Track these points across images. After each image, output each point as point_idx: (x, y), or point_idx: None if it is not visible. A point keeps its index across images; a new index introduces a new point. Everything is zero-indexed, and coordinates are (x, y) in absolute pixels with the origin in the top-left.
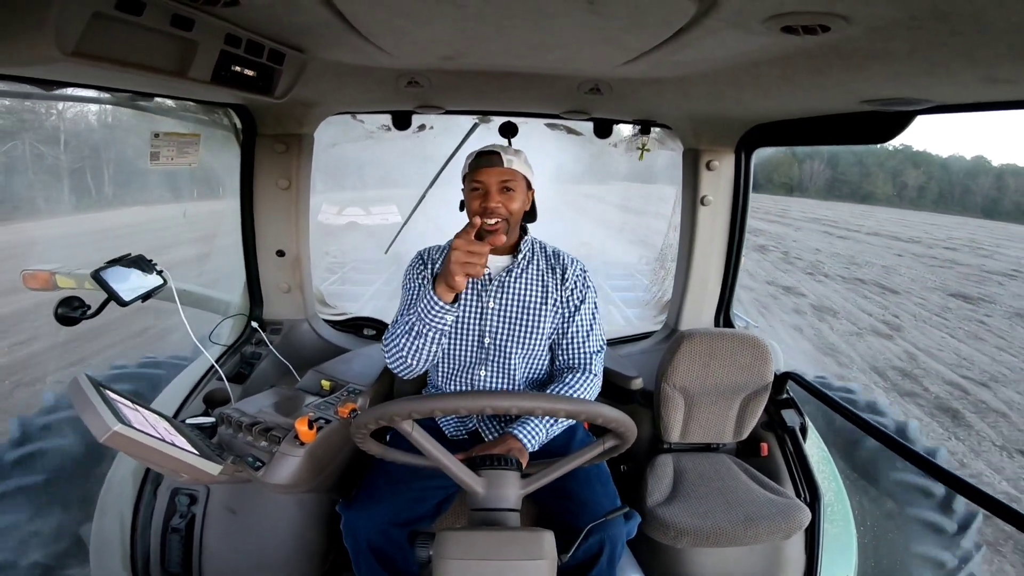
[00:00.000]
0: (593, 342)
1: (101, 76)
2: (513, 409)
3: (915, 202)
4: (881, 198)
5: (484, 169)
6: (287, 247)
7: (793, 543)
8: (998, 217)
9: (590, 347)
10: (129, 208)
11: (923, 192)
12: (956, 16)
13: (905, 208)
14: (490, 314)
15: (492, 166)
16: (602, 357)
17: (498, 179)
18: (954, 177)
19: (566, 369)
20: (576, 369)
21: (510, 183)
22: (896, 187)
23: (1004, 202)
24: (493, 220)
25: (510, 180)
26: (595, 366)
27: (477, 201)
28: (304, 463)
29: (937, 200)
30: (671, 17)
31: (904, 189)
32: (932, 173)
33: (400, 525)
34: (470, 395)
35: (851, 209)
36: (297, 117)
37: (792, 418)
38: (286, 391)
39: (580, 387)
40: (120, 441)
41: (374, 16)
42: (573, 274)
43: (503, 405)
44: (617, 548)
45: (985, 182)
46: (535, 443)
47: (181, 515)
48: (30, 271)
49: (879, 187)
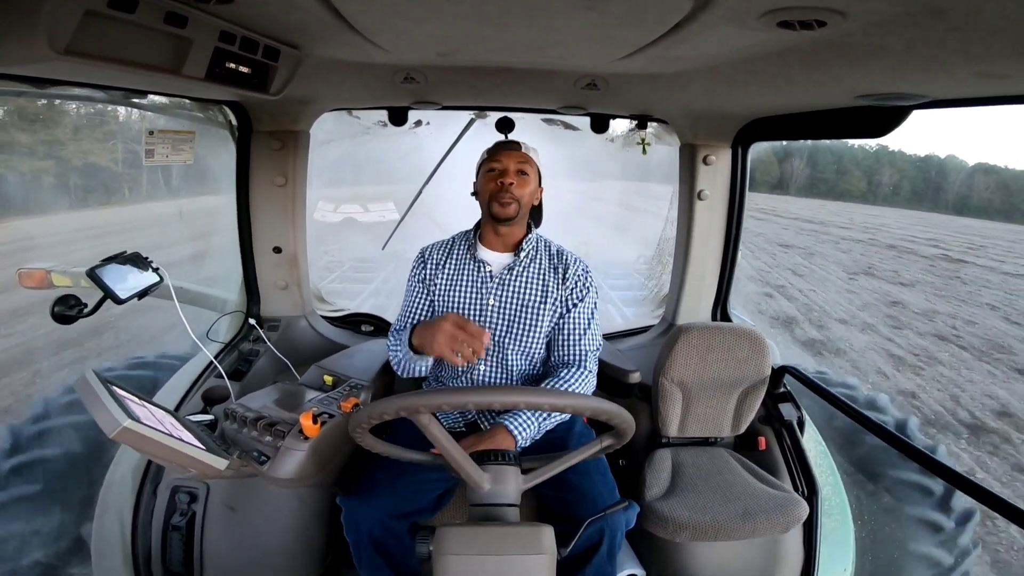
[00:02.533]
0: (589, 340)
1: (95, 74)
2: (520, 404)
3: (889, 199)
4: (856, 195)
5: (503, 152)
6: (284, 244)
7: (791, 537)
8: (967, 213)
9: (586, 344)
10: (197, 197)
11: (896, 190)
12: (952, 12)
13: (880, 205)
14: (490, 311)
15: (511, 150)
16: (597, 356)
17: (516, 160)
18: (927, 175)
19: (560, 365)
20: (571, 365)
21: (526, 167)
22: (872, 185)
23: (973, 199)
24: (507, 198)
25: (526, 164)
26: (590, 363)
27: (492, 182)
28: (309, 457)
29: (911, 197)
30: (667, 12)
31: (878, 187)
32: (905, 172)
33: (400, 517)
34: (472, 391)
35: (805, 203)
36: (293, 114)
37: (789, 412)
38: (289, 387)
39: (574, 382)
40: (129, 437)
41: (370, 13)
42: (574, 273)
43: (503, 400)
44: (616, 539)
45: (956, 179)
46: (526, 436)
47: (181, 513)
48: (26, 269)
49: (854, 185)
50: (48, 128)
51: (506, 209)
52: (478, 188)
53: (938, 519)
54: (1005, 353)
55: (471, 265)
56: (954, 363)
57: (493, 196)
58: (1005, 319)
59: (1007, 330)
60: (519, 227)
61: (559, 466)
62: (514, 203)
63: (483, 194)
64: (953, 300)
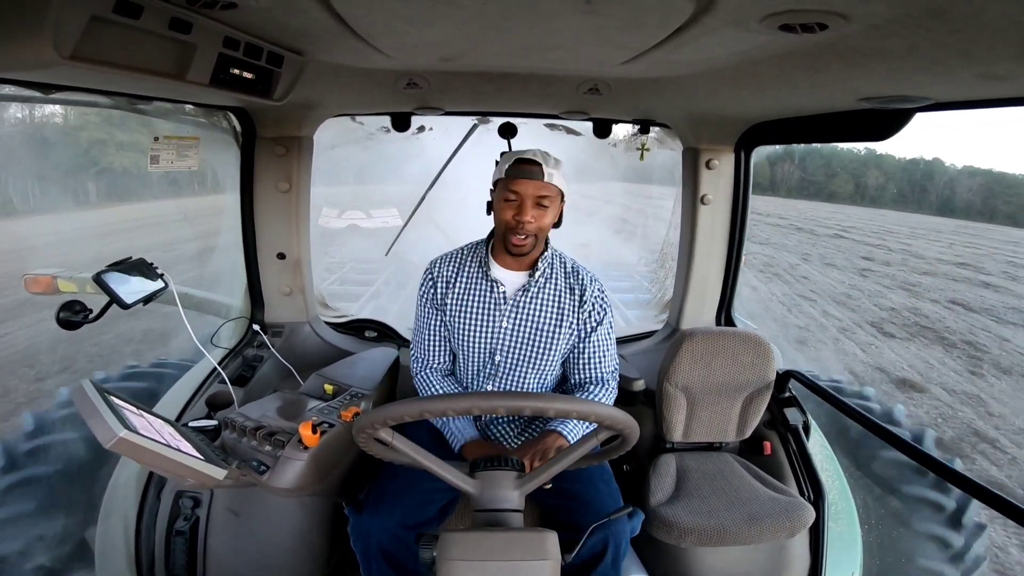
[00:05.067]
0: (609, 361)
1: (99, 79)
2: (526, 410)
3: (876, 200)
4: (844, 197)
5: (523, 181)
6: (288, 250)
7: (797, 542)
8: (949, 214)
9: (606, 366)
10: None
11: (882, 191)
12: (954, 14)
13: (866, 206)
14: (502, 334)
15: (532, 178)
16: (617, 375)
17: (535, 192)
18: (912, 177)
19: (586, 382)
20: (596, 382)
21: (546, 199)
22: (859, 187)
23: (955, 200)
24: (523, 235)
25: (547, 196)
26: (611, 382)
27: (510, 212)
28: (308, 467)
29: (897, 199)
30: (669, 16)
31: (865, 189)
32: (891, 175)
33: (410, 527)
34: (472, 396)
35: (783, 203)
36: (296, 119)
37: (795, 416)
38: (290, 395)
39: (603, 398)
40: (126, 447)
41: (373, 18)
42: (591, 296)
43: (508, 405)
44: (621, 546)
45: (940, 182)
46: (577, 435)
47: (185, 518)
48: (32, 275)
49: (842, 187)
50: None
51: (521, 247)
52: (493, 207)
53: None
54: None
55: (484, 284)
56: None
57: (508, 229)
58: (803, 259)
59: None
60: (536, 249)
61: (557, 467)
62: (528, 242)
63: (498, 222)
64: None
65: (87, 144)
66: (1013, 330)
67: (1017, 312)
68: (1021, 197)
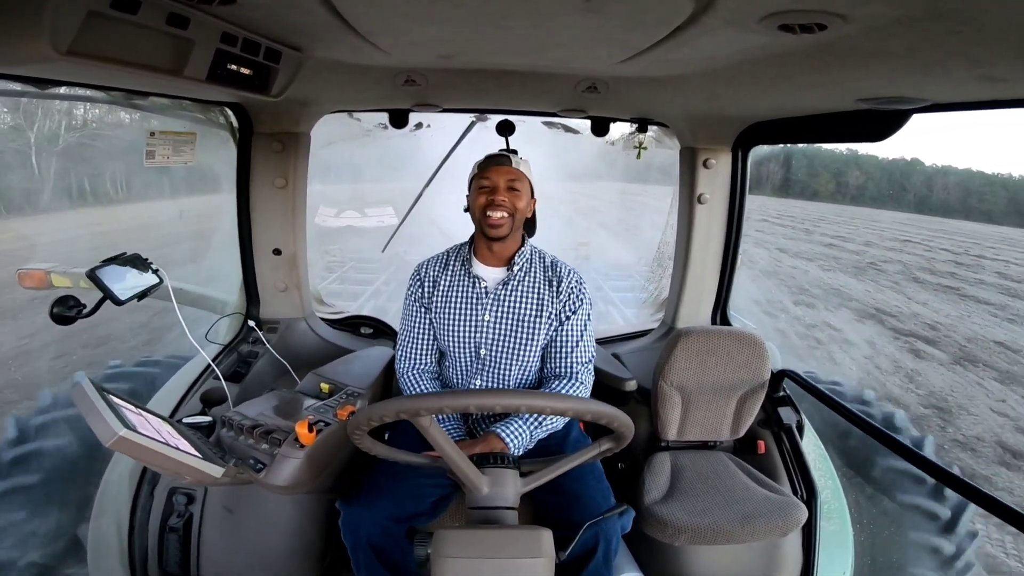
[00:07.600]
0: (581, 353)
1: (96, 75)
2: (522, 408)
3: (856, 199)
4: (825, 195)
5: (493, 168)
6: (284, 246)
7: (790, 540)
8: (927, 212)
9: (577, 357)
10: None
11: (862, 190)
12: (953, 15)
13: (846, 204)
14: (485, 327)
15: (500, 165)
16: (591, 368)
17: (506, 177)
18: (891, 176)
19: (552, 377)
20: (562, 377)
21: (516, 183)
22: (840, 186)
23: (932, 199)
24: (499, 214)
25: (516, 180)
26: (581, 375)
27: (484, 197)
28: (304, 465)
29: (876, 197)
30: (668, 16)
31: (845, 188)
32: (871, 174)
33: (399, 521)
34: (472, 393)
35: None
36: (294, 115)
37: (789, 415)
38: (286, 394)
39: (567, 393)
40: (126, 446)
41: (372, 15)
42: (568, 286)
43: (504, 403)
44: (612, 543)
45: (917, 181)
46: (518, 444)
47: (179, 515)
48: (25, 270)
49: (823, 186)
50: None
51: (497, 229)
52: (469, 204)
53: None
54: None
55: (466, 281)
56: None
57: (483, 214)
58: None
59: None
60: (513, 241)
61: (558, 469)
62: (505, 222)
63: (474, 211)
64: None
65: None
66: None
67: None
68: (995, 195)
